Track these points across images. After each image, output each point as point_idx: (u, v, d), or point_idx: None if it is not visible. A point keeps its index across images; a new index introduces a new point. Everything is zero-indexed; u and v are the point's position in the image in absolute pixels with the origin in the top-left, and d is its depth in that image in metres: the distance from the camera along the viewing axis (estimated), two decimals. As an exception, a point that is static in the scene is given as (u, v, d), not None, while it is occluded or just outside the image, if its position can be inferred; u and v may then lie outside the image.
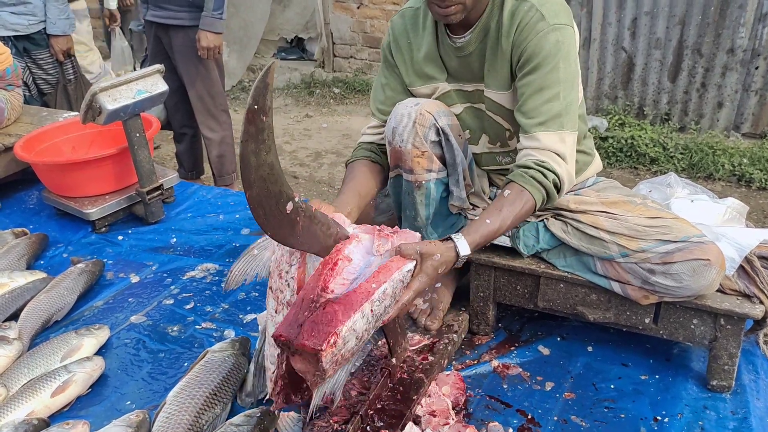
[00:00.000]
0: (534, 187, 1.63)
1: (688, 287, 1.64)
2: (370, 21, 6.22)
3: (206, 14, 3.37)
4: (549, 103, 1.65)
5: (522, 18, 1.66)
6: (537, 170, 1.64)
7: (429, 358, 1.80)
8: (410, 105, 1.80)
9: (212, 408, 1.64)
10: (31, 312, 2.09)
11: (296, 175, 4.62)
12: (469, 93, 1.84)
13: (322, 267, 1.42)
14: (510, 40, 1.68)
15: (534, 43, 1.64)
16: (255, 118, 1.20)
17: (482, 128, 1.88)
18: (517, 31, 1.66)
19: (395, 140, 1.81)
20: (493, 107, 1.81)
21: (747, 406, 1.71)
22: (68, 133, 3.00)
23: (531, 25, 1.64)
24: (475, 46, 1.73)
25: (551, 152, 1.66)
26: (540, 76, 1.65)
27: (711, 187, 4.09)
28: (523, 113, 1.68)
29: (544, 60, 1.64)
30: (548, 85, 1.65)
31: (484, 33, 1.72)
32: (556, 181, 1.66)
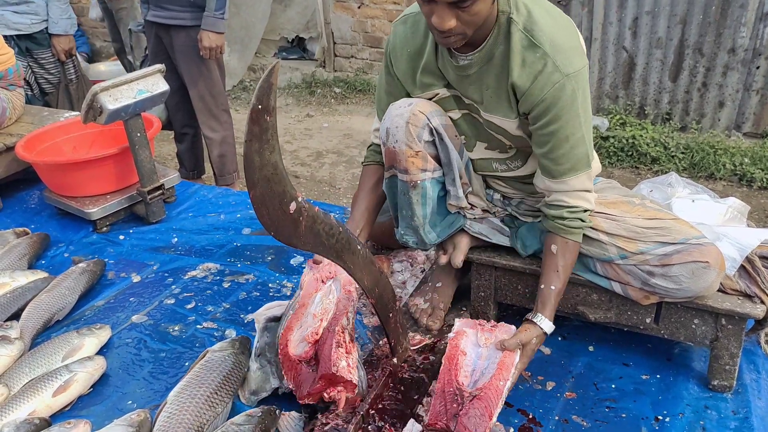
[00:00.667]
0: (574, 235, 1.73)
1: (688, 289, 1.64)
2: (371, 21, 6.22)
3: (208, 14, 3.37)
4: (576, 148, 1.67)
5: (534, 67, 1.60)
6: (572, 219, 1.72)
7: (430, 358, 1.80)
8: (403, 105, 1.80)
9: (213, 407, 1.64)
10: (33, 311, 2.09)
11: (297, 175, 4.62)
12: (467, 104, 1.81)
13: (449, 362, 1.63)
14: (524, 85, 1.62)
15: (551, 95, 1.60)
16: (259, 117, 1.21)
17: (479, 136, 1.85)
18: (530, 81, 1.61)
19: (389, 141, 1.82)
20: (492, 127, 1.78)
21: (748, 406, 1.71)
22: (69, 132, 3.00)
23: (545, 76, 1.59)
24: (476, 68, 1.68)
25: (580, 192, 1.72)
26: (563, 125, 1.64)
27: (712, 187, 4.09)
28: (552, 160, 1.69)
29: (563, 111, 1.62)
30: (572, 132, 1.65)
31: (488, 58, 1.66)
32: (587, 216, 1.74)
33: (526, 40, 1.60)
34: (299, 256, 2.49)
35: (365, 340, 2.01)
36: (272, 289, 2.31)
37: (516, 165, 1.87)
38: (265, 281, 2.35)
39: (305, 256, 2.48)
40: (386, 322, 1.70)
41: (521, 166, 1.86)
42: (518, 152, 1.83)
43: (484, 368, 1.62)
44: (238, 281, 2.36)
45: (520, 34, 1.60)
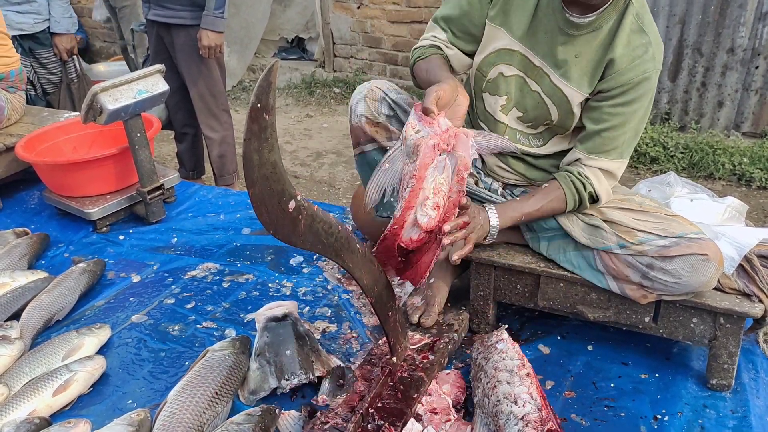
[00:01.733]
0: (570, 191, 1.77)
1: (687, 284, 1.65)
2: (371, 21, 6.22)
3: (207, 13, 3.38)
4: (625, 135, 1.75)
5: (636, 51, 1.69)
6: (579, 180, 1.77)
7: (429, 357, 1.80)
8: (364, 85, 1.90)
9: (213, 406, 1.64)
10: (33, 311, 2.09)
11: (297, 175, 4.62)
12: (532, 66, 1.79)
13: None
14: (615, 63, 1.69)
15: (637, 81, 1.70)
16: (258, 116, 1.21)
17: (519, 103, 1.84)
18: (629, 62, 1.69)
19: (352, 118, 1.91)
20: (554, 95, 1.78)
21: (747, 405, 1.71)
22: (69, 133, 3.00)
23: (642, 62, 1.69)
24: (585, 32, 1.71)
25: (600, 171, 1.77)
26: (627, 111, 1.73)
27: (711, 187, 4.09)
28: (601, 137, 1.75)
29: (637, 98, 1.72)
30: (630, 120, 1.74)
31: (595, 28, 1.70)
32: (592, 195, 1.79)
33: (635, 25, 1.69)
34: (299, 255, 2.50)
35: (365, 339, 2.02)
36: (272, 289, 2.31)
37: (537, 143, 1.90)
38: (264, 281, 2.36)
39: (305, 255, 2.49)
40: (385, 321, 1.70)
41: (541, 145, 1.90)
42: (546, 131, 1.87)
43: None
44: (237, 281, 2.36)
45: (633, 18, 1.69)
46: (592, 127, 1.76)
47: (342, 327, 2.09)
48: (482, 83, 1.89)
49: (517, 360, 1.66)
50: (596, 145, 1.76)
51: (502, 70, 1.84)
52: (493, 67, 1.85)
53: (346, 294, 2.26)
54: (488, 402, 1.58)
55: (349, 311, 2.16)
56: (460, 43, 1.89)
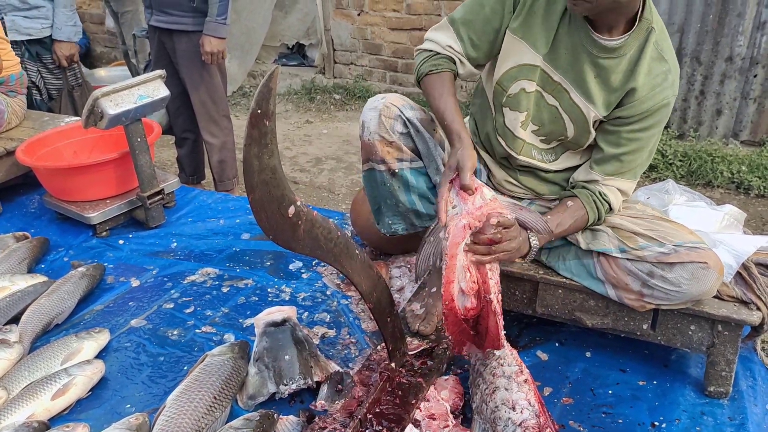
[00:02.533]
0: (592, 211, 1.78)
1: (687, 292, 1.65)
2: (371, 28, 6.24)
3: (210, 19, 3.39)
4: (642, 159, 1.80)
5: (656, 80, 1.71)
6: (600, 200, 1.79)
7: (428, 363, 1.81)
8: (377, 99, 1.87)
9: (212, 411, 1.64)
10: (32, 315, 2.09)
11: (297, 181, 4.63)
12: (550, 81, 1.77)
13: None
14: (637, 90, 1.70)
15: (658, 107, 1.72)
16: (258, 122, 1.22)
17: (536, 117, 1.83)
18: (649, 90, 1.71)
19: (364, 134, 1.87)
20: (572, 112, 1.78)
21: (744, 412, 1.72)
22: (70, 137, 3.01)
23: (662, 90, 1.71)
24: (610, 56, 1.70)
25: (617, 190, 1.80)
26: (646, 137, 1.76)
27: (710, 195, 4.10)
28: (620, 161, 1.78)
29: (656, 123, 1.76)
30: (647, 145, 1.78)
31: (621, 54, 1.70)
32: (608, 211, 1.82)
33: (656, 53, 1.71)
34: (298, 261, 2.50)
35: (363, 344, 2.02)
36: (271, 294, 2.32)
37: (549, 158, 1.90)
38: (263, 286, 2.36)
39: (304, 260, 2.49)
40: (384, 327, 1.70)
41: (553, 160, 1.90)
42: (559, 146, 1.88)
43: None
44: (237, 286, 2.37)
45: (653, 47, 1.70)
46: (610, 150, 1.78)
47: (341, 332, 2.09)
48: (502, 98, 1.85)
49: (515, 366, 1.66)
50: (615, 169, 1.79)
51: (524, 86, 1.80)
52: (515, 82, 1.81)
53: (345, 299, 2.26)
54: (486, 408, 1.59)
55: (348, 317, 2.17)
56: (475, 52, 1.83)
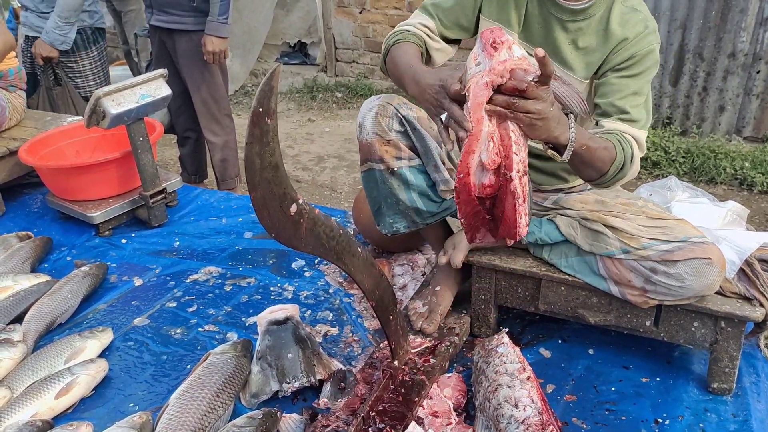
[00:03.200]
0: (617, 143, 1.64)
1: (691, 287, 1.65)
2: (372, 26, 6.24)
3: (212, 19, 3.39)
4: (639, 107, 1.73)
5: (635, 26, 1.71)
6: (622, 138, 1.66)
7: (430, 360, 1.81)
8: (373, 99, 1.87)
9: (215, 410, 1.64)
10: (36, 315, 2.10)
11: (299, 179, 4.63)
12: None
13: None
14: (620, 43, 1.71)
15: (644, 53, 1.71)
16: (260, 120, 1.22)
17: None
18: (628, 38, 1.70)
19: (362, 134, 1.87)
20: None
21: (748, 409, 1.71)
22: (72, 137, 3.01)
23: (644, 35, 1.71)
24: (578, 19, 1.73)
25: (633, 139, 1.70)
26: (638, 83, 1.72)
27: (713, 191, 4.09)
28: (616, 106, 1.72)
29: (645, 71, 1.73)
30: (641, 92, 1.73)
31: (588, 16, 1.73)
32: (631, 155, 1.66)
33: (626, 8, 1.73)
34: (300, 259, 2.50)
35: (366, 342, 2.02)
36: (273, 293, 2.32)
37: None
38: (266, 284, 2.36)
39: (306, 259, 2.49)
40: (386, 324, 1.70)
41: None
42: None
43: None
44: (239, 284, 2.37)
45: (620, 4, 1.73)
46: (605, 100, 1.73)
47: (343, 330, 2.09)
48: None
49: (517, 363, 1.66)
50: (618, 116, 1.70)
51: None
52: None
53: (347, 297, 2.27)
54: (489, 405, 1.59)
55: (351, 315, 2.17)
56: (448, 33, 1.87)
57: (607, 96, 1.73)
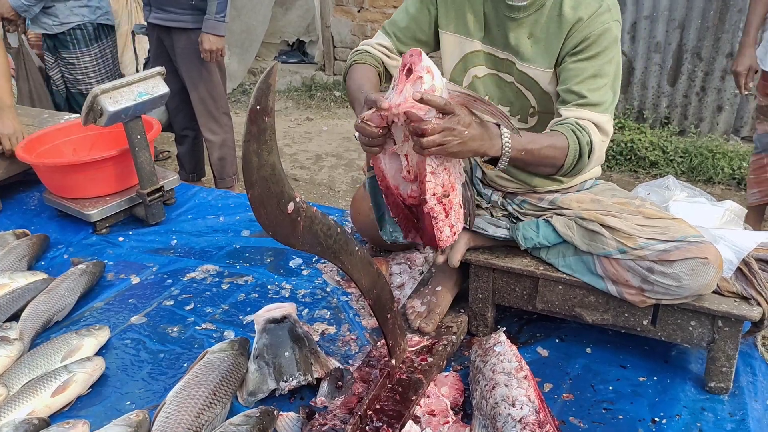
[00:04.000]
0: (571, 137, 1.63)
1: (687, 287, 1.65)
2: (371, 24, 6.24)
3: (209, 17, 3.39)
4: (599, 90, 1.69)
5: (590, 8, 1.68)
6: (578, 128, 1.65)
7: (428, 359, 1.81)
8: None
9: (211, 408, 1.64)
10: (32, 312, 2.09)
11: (297, 178, 4.63)
12: (499, 60, 1.81)
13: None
14: (573, 25, 1.69)
15: (598, 32, 1.67)
16: (257, 118, 1.22)
17: (503, 98, 1.86)
18: (581, 19, 1.68)
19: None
20: (525, 81, 1.80)
21: (745, 408, 1.71)
22: (69, 135, 3.00)
23: (598, 14, 1.68)
24: (527, 13, 1.73)
25: (592, 124, 1.68)
26: (596, 65, 1.69)
27: (710, 191, 4.10)
28: (574, 92, 1.69)
29: (603, 51, 1.68)
30: (602, 74, 1.69)
31: (539, 6, 1.72)
32: (589, 143, 1.66)
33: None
34: (298, 257, 2.50)
35: (364, 341, 2.02)
36: (271, 291, 2.32)
37: None
38: (263, 283, 2.36)
39: (304, 257, 2.49)
40: (384, 323, 1.70)
41: None
42: (538, 123, 1.85)
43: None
44: (237, 283, 2.37)
45: None
46: (563, 86, 1.72)
47: (341, 329, 2.09)
48: None
49: (514, 362, 1.66)
50: (577, 100, 1.68)
51: (475, 73, 1.86)
52: (465, 73, 1.87)
53: (345, 296, 2.26)
54: (486, 404, 1.58)
55: (348, 313, 2.17)
56: (403, 47, 1.90)
57: (565, 83, 1.72)
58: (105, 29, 3.88)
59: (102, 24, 3.84)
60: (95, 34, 3.82)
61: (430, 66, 1.43)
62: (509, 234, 1.88)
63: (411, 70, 1.44)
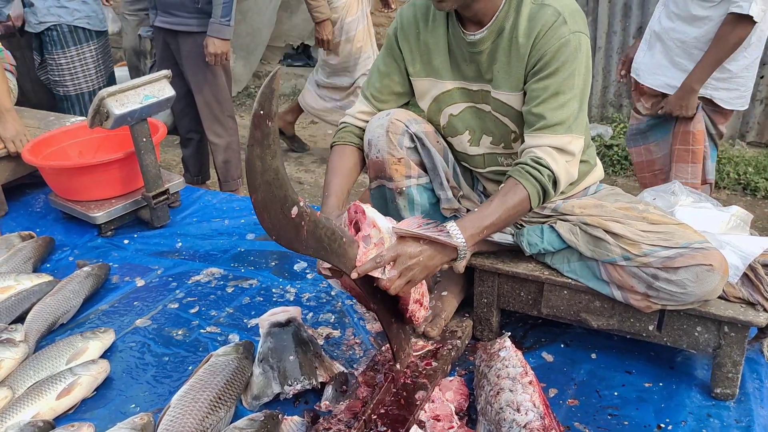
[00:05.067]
0: (528, 181, 1.66)
1: (692, 293, 1.64)
2: (376, 29, 6.23)
3: (214, 21, 3.40)
4: (562, 108, 1.67)
5: (545, 22, 1.65)
6: (532, 166, 1.67)
7: (433, 364, 1.80)
8: (382, 116, 1.86)
9: (216, 411, 1.64)
10: (38, 315, 2.10)
11: (301, 181, 4.64)
12: (473, 93, 1.83)
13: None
14: (530, 43, 1.67)
15: (555, 48, 1.65)
16: (261, 122, 1.22)
17: (484, 129, 1.87)
18: (538, 35, 1.66)
19: (372, 152, 1.86)
20: (500, 108, 1.80)
21: (751, 414, 1.70)
22: (75, 137, 3.01)
23: (553, 29, 1.65)
24: (488, 44, 1.73)
25: (552, 149, 1.68)
26: (557, 81, 1.66)
27: (716, 196, 4.08)
28: (534, 114, 1.69)
29: (562, 65, 1.66)
30: (563, 90, 1.67)
31: (498, 33, 1.71)
32: (550, 176, 1.68)
33: (536, 6, 1.67)
34: (303, 261, 2.50)
35: (368, 345, 2.02)
36: (275, 294, 2.32)
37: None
38: (268, 286, 2.36)
39: (308, 261, 2.49)
40: (389, 328, 1.70)
41: None
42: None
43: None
44: (241, 286, 2.37)
45: (531, 4, 1.68)
46: (525, 109, 1.72)
47: (345, 333, 2.09)
48: (441, 130, 1.93)
49: (519, 368, 1.66)
50: (537, 125, 1.68)
51: (451, 111, 1.88)
52: (441, 113, 1.89)
53: (349, 300, 2.26)
54: (491, 410, 1.58)
55: (353, 317, 2.17)
56: (384, 105, 1.93)
57: (527, 104, 1.72)
58: (86, 33, 3.67)
59: (80, 27, 3.63)
60: (72, 36, 3.64)
61: (375, 218, 1.57)
62: (514, 240, 1.88)
63: (358, 226, 1.58)
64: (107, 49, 3.89)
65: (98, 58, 3.78)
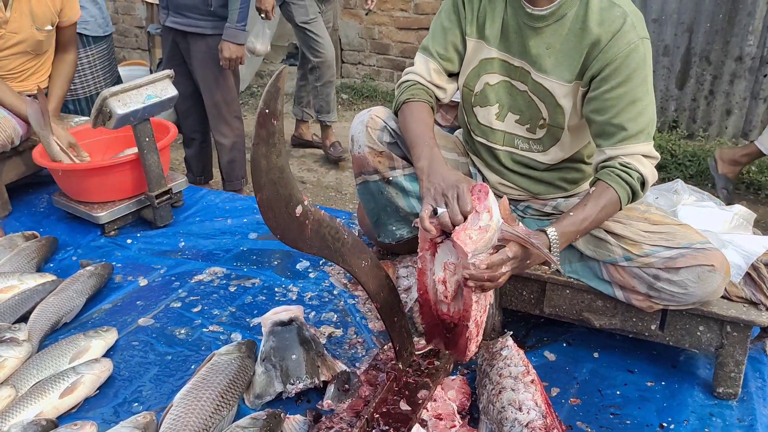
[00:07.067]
0: (619, 185, 1.66)
1: (694, 294, 1.64)
2: (378, 27, 6.25)
3: (230, 25, 3.39)
4: (641, 116, 1.67)
5: (613, 23, 1.64)
6: (624, 171, 1.67)
7: (435, 363, 1.81)
8: (363, 113, 1.91)
9: (219, 410, 1.64)
10: (41, 314, 2.10)
11: (304, 180, 4.64)
12: (513, 68, 1.81)
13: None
14: (595, 40, 1.66)
15: (624, 54, 1.63)
16: (266, 121, 1.22)
17: (513, 106, 1.84)
18: (606, 37, 1.65)
19: (354, 148, 1.90)
20: (539, 92, 1.78)
21: (753, 414, 1.71)
22: (83, 138, 3.00)
23: (622, 34, 1.63)
24: (548, 23, 1.70)
25: (641, 156, 1.68)
26: (632, 89, 1.66)
27: (719, 195, 4.08)
28: (614, 125, 1.67)
29: (633, 72, 1.65)
30: (640, 97, 1.67)
31: (560, 16, 1.69)
32: (641, 179, 1.68)
33: (604, 2, 1.66)
34: (305, 260, 2.50)
35: (370, 344, 2.02)
36: (278, 293, 2.32)
37: (538, 148, 1.87)
38: (271, 285, 2.37)
39: (311, 260, 2.49)
40: (391, 326, 1.70)
41: (542, 150, 1.86)
42: (546, 135, 1.83)
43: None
44: (244, 285, 2.37)
45: (600, 1, 1.66)
46: (600, 118, 1.69)
47: (348, 332, 2.09)
48: (471, 98, 1.91)
49: (521, 367, 1.66)
50: (619, 136, 1.67)
51: (488, 80, 1.86)
52: (478, 79, 1.87)
53: (352, 299, 2.26)
54: (493, 408, 1.58)
55: (355, 316, 2.17)
56: (447, 64, 1.89)
57: (603, 113, 1.68)
58: (83, 39, 3.56)
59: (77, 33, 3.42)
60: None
61: (491, 206, 1.53)
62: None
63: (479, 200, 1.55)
64: (110, 53, 3.83)
65: (96, 64, 3.73)
